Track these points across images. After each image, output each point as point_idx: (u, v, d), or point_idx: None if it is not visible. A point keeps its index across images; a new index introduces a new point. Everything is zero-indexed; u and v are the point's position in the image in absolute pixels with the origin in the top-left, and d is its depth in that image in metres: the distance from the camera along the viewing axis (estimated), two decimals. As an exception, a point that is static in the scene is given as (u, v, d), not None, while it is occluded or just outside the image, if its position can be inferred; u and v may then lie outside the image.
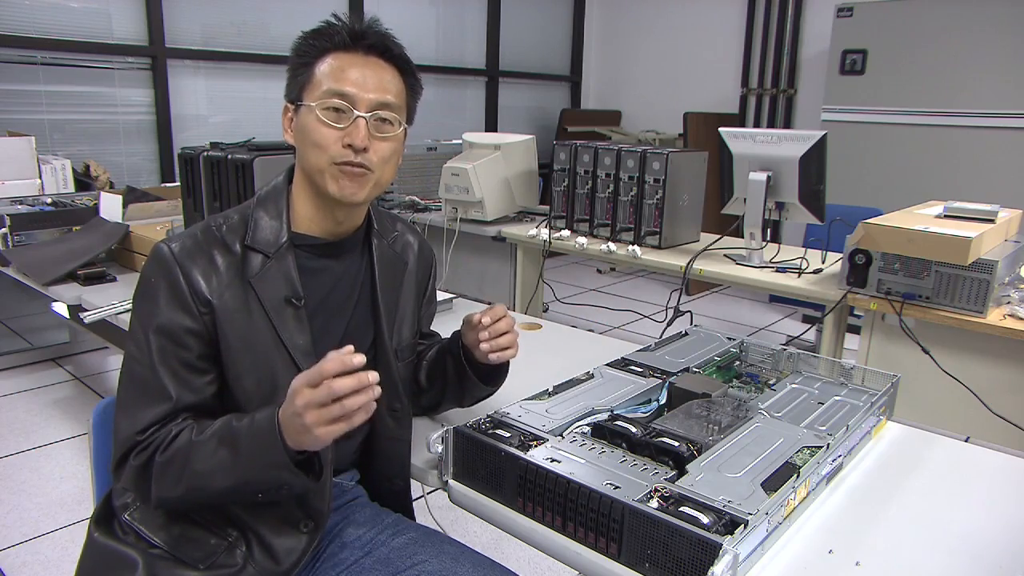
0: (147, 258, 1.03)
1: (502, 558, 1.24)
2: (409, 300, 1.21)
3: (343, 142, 1.02)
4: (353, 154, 1.02)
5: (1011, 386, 1.89)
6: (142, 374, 0.99)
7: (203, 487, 0.94)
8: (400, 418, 1.18)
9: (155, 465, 0.95)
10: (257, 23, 4.26)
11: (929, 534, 1.00)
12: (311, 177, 1.06)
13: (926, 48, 3.79)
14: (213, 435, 0.94)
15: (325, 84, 1.03)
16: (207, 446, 0.94)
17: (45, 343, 3.49)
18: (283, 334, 1.03)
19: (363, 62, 1.04)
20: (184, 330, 0.99)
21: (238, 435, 0.92)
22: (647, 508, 0.88)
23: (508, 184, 3.13)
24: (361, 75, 1.03)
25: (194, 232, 1.04)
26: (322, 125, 1.02)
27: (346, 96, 1.02)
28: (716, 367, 1.42)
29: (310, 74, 1.04)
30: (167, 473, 0.95)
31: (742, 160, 2.47)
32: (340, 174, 1.03)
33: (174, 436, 0.96)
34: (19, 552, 2.08)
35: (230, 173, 2.05)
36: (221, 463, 0.92)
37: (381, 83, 1.04)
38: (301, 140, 1.06)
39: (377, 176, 1.06)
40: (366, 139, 1.02)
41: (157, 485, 0.96)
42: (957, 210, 2.16)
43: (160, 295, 0.99)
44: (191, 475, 0.94)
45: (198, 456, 0.93)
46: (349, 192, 1.04)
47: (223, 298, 1.00)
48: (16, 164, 3.14)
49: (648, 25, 5.83)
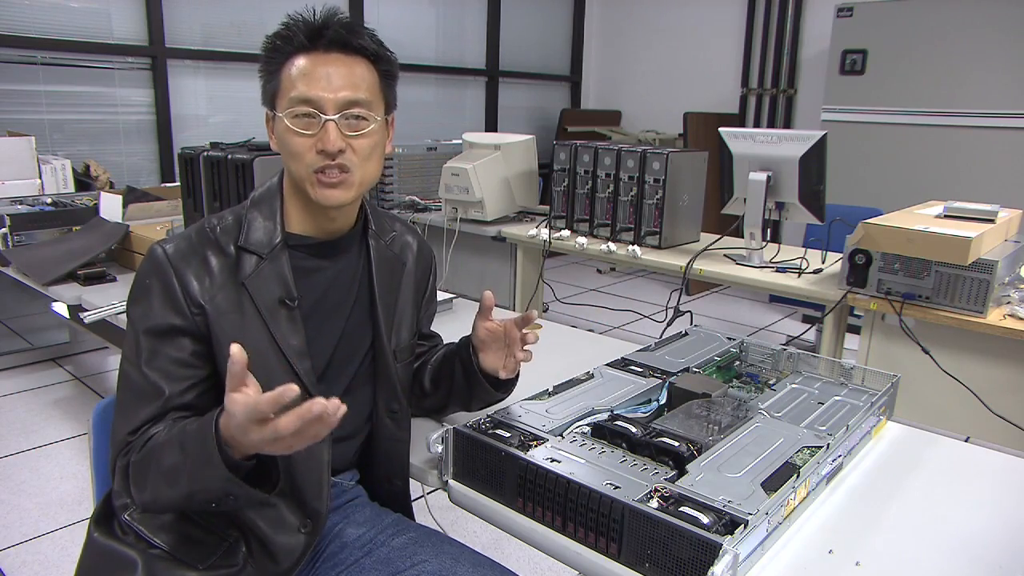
0: (142, 260, 1.03)
1: (502, 558, 1.24)
2: (408, 301, 1.20)
3: (316, 148, 1.00)
4: (328, 159, 1.01)
5: (1011, 386, 1.89)
6: (136, 375, 0.99)
7: (162, 494, 0.91)
8: (398, 419, 1.18)
9: (131, 466, 0.94)
10: (257, 23, 4.26)
11: (929, 534, 1.00)
12: (297, 184, 1.05)
13: (926, 48, 3.80)
14: (173, 437, 0.91)
15: (291, 91, 1.00)
16: (168, 448, 0.90)
17: (45, 343, 3.49)
18: (277, 335, 1.02)
19: (325, 60, 1.00)
20: (177, 331, 0.99)
21: (186, 437, 0.89)
22: (647, 508, 0.88)
23: (508, 184, 3.13)
24: (325, 75, 0.99)
25: (188, 234, 1.04)
26: (293, 134, 1.01)
27: (311, 101, 0.99)
28: (716, 367, 1.42)
29: (278, 80, 1.02)
30: (138, 475, 0.94)
31: (742, 160, 2.47)
32: (319, 182, 1.02)
33: (151, 436, 0.95)
34: (19, 552, 2.08)
35: (230, 173, 2.05)
36: (174, 468, 0.88)
37: (347, 80, 1.00)
38: (280, 148, 1.05)
39: (360, 175, 1.04)
40: (338, 142, 1.00)
41: (134, 487, 0.95)
42: (957, 210, 2.16)
43: (153, 297, 0.99)
44: (160, 479, 0.90)
45: (162, 458, 0.90)
46: (332, 197, 1.03)
47: (216, 300, 1.00)
48: (16, 164, 3.14)
49: (648, 25, 5.83)
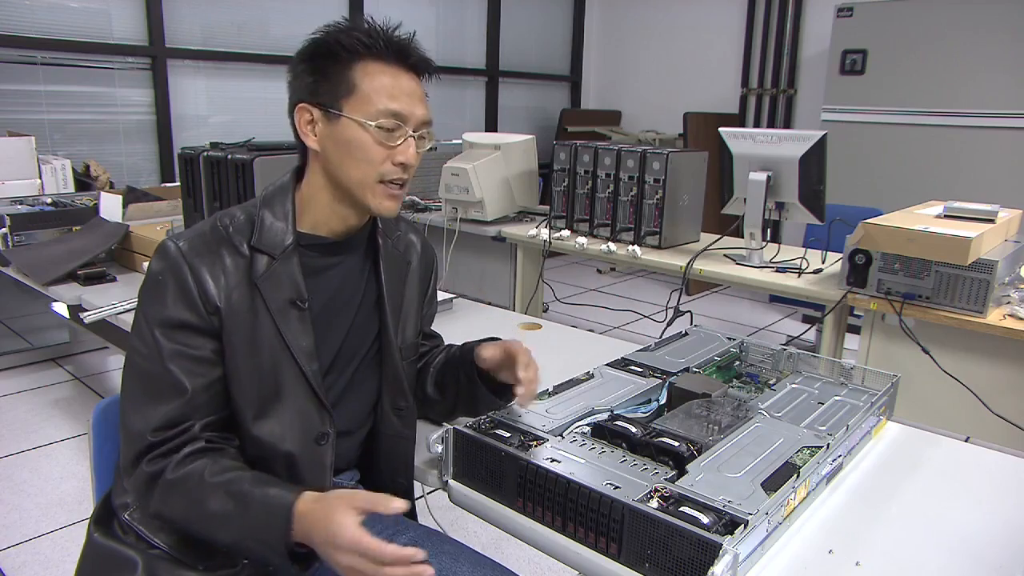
0: (154, 255, 1.02)
1: (502, 558, 1.24)
2: (413, 299, 1.21)
3: (394, 160, 1.04)
4: (403, 172, 1.05)
5: (1011, 386, 1.89)
6: (152, 370, 0.98)
7: (202, 529, 0.96)
8: (405, 417, 1.18)
9: (163, 482, 0.96)
10: (257, 23, 4.25)
11: (929, 534, 1.00)
12: (347, 187, 1.05)
13: (926, 48, 3.80)
14: (225, 484, 0.94)
15: (379, 102, 1.01)
16: (217, 493, 0.94)
17: (45, 343, 3.49)
18: (287, 336, 1.03)
19: (409, 78, 1.05)
20: (192, 328, 0.99)
21: (250, 502, 0.93)
22: (647, 508, 0.88)
23: (508, 184, 3.13)
24: (410, 91, 1.04)
25: (202, 231, 1.03)
26: (375, 143, 1.02)
27: (401, 116, 1.03)
28: (716, 367, 1.42)
29: (350, 82, 1.02)
30: (172, 496, 0.95)
31: (742, 160, 2.47)
32: (384, 192, 1.05)
33: (187, 456, 0.96)
34: (19, 552, 2.08)
35: (230, 173, 2.05)
36: (225, 518, 0.93)
37: (423, 101, 1.07)
38: (340, 150, 1.03)
39: (408, 189, 1.09)
40: (417, 159, 1.06)
41: (161, 502, 0.96)
42: (957, 210, 2.16)
43: (168, 292, 0.99)
44: (197, 515, 0.95)
45: (207, 498, 0.94)
46: (391, 208, 1.07)
47: (231, 300, 1.00)
48: (16, 164, 3.14)
49: (648, 25, 5.83)
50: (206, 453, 0.98)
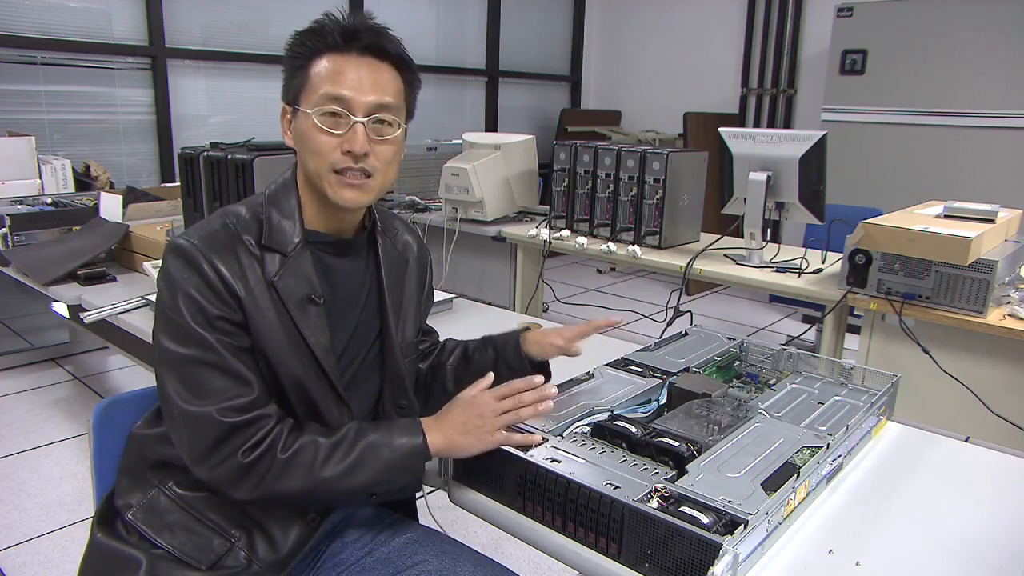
0: (168, 256, 1.00)
1: (502, 558, 1.24)
2: (412, 298, 1.21)
3: (342, 148, 1.01)
4: (353, 161, 1.02)
5: (1011, 386, 1.89)
6: (210, 362, 0.97)
7: (324, 490, 1.00)
8: (406, 414, 1.18)
9: (276, 462, 0.97)
10: (257, 23, 4.26)
11: (929, 534, 1.00)
12: (312, 181, 1.05)
13: (926, 48, 3.80)
14: (342, 442, 1.01)
15: (321, 88, 1.01)
16: (337, 453, 1.00)
17: (45, 343, 3.49)
18: (306, 332, 1.03)
19: (358, 63, 1.02)
20: (228, 320, 0.98)
21: (377, 446, 1.01)
22: (647, 508, 0.88)
23: (508, 184, 3.13)
24: (357, 77, 1.01)
25: (212, 228, 1.02)
26: (319, 132, 1.01)
27: (342, 101, 1.00)
28: (716, 367, 1.42)
29: (305, 77, 1.03)
30: (290, 471, 0.97)
31: (742, 160, 2.47)
32: (340, 182, 1.03)
33: (288, 435, 0.99)
34: (19, 552, 2.08)
35: (230, 173, 2.05)
36: (353, 469, 0.99)
37: (378, 84, 1.03)
38: (300, 145, 1.05)
39: (380, 180, 1.05)
40: (365, 145, 1.01)
41: (276, 481, 0.97)
42: (957, 210, 2.16)
43: (195, 290, 0.97)
44: (320, 479, 0.98)
45: (329, 461, 0.99)
46: (350, 199, 1.04)
47: (251, 296, 1.00)
48: (16, 164, 3.14)
49: (648, 25, 5.83)
50: (294, 430, 1.01)
